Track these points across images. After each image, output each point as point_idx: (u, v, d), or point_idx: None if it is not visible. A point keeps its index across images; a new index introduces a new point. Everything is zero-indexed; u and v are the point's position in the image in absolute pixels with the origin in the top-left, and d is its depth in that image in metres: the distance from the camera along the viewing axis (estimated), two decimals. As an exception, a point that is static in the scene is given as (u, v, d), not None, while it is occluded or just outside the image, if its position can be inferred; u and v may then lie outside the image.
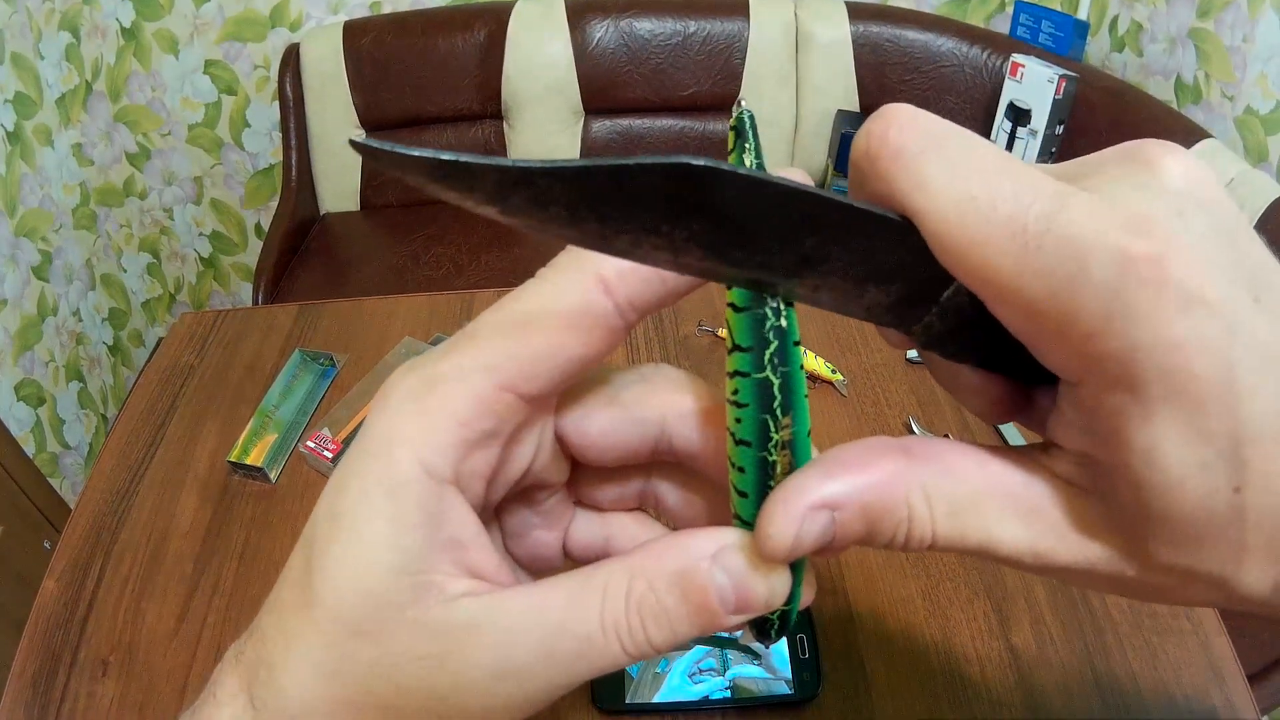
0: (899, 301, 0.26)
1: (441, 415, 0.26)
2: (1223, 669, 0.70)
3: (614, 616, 0.26)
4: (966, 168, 0.24)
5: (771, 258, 0.24)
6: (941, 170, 0.24)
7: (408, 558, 0.26)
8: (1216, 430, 0.22)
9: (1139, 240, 0.22)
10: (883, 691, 0.68)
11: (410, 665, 0.26)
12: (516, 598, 0.27)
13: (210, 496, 0.84)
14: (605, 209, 0.22)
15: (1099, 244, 0.22)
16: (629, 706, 0.66)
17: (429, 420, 0.26)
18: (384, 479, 0.26)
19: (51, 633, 0.74)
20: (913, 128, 0.25)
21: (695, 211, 0.23)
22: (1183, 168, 0.24)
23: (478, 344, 0.27)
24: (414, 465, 0.26)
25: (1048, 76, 1.87)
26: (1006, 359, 0.28)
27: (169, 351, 1.01)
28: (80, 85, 2.27)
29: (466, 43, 2.18)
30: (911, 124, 0.25)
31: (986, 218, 0.23)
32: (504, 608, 0.26)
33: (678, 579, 0.26)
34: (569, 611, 0.26)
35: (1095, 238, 0.22)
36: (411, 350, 0.96)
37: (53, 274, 2.14)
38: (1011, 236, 0.23)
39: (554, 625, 0.26)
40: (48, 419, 2.06)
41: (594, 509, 0.34)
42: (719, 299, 1.07)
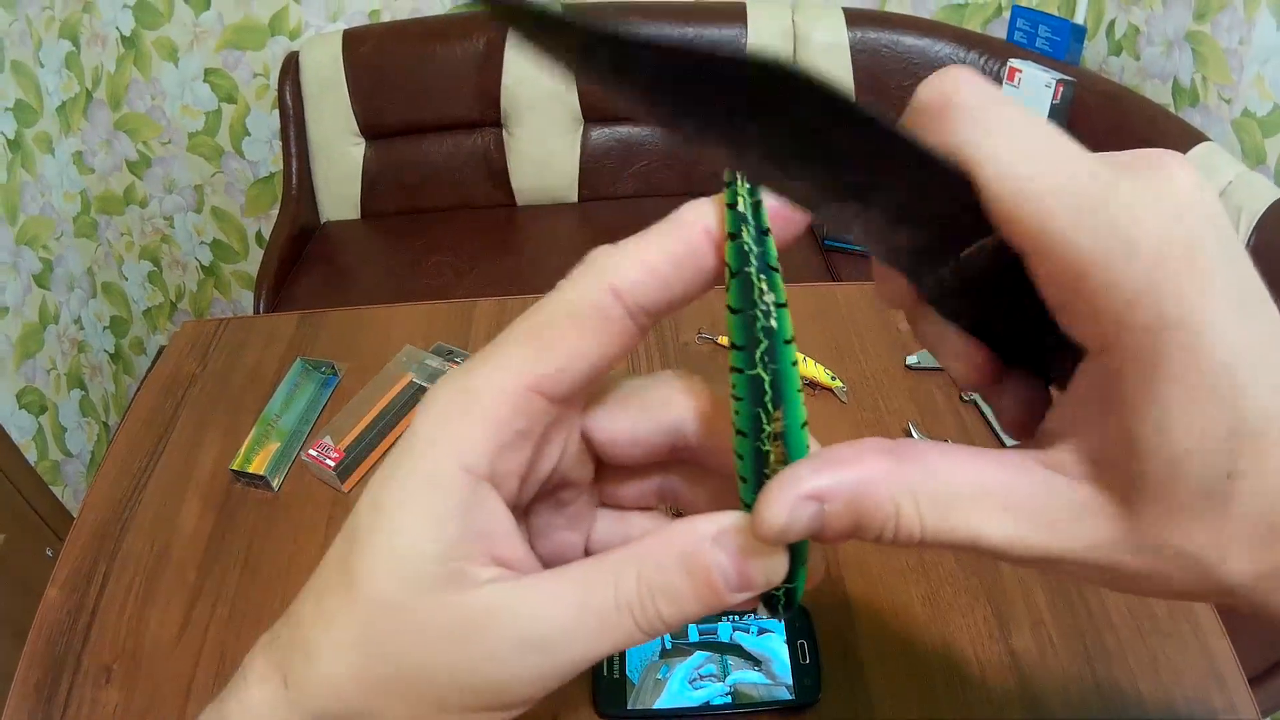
0: (923, 248, 0.28)
1: (477, 418, 0.29)
2: (1223, 672, 0.70)
3: (627, 596, 0.28)
4: (1030, 130, 0.26)
5: (829, 178, 0.25)
6: (1007, 126, 0.25)
7: (443, 546, 0.28)
8: (1218, 417, 0.24)
9: (1179, 228, 0.24)
10: (882, 696, 0.68)
11: (441, 643, 0.28)
12: (540, 582, 0.29)
13: (213, 505, 0.85)
14: (685, 89, 0.22)
15: (1149, 222, 0.24)
16: (630, 712, 0.66)
17: (466, 422, 0.29)
18: (425, 475, 0.29)
19: (54, 640, 0.74)
20: (980, 86, 0.27)
21: (773, 114, 0.23)
22: (1195, 179, 0.26)
23: (506, 352, 0.30)
24: (452, 462, 0.28)
25: (1045, 81, 1.88)
26: (996, 331, 0.30)
27: (171, 360, 1.01)
28: (80, 93, 2.28)
29: (465, 51, 2.19)
30: (978, 82, 0.27)
31: (1050, 176, 0.25)
32: (528, 591, 0.29)
33: (683, 559, 0.28)
34: (587, 593, 0.28)
35: (1146, 215, 0.24)
36: (412, 359, 0.97)
37: (54, 282, 2.14)
38: (1072, 196, 0.24)
39: (574, 605, 0.28)
40: (49, 426, 2.06)
41: (616, 508, 0.36)
42: (718, 308, 1.07)
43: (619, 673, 0.68)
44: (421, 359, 0.97)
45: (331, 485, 0.85)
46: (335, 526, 0.81)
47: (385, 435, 0.89)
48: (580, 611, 0.28)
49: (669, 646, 0.70)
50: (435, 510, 0.28)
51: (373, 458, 0.87)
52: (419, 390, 0.94)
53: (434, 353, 0.98)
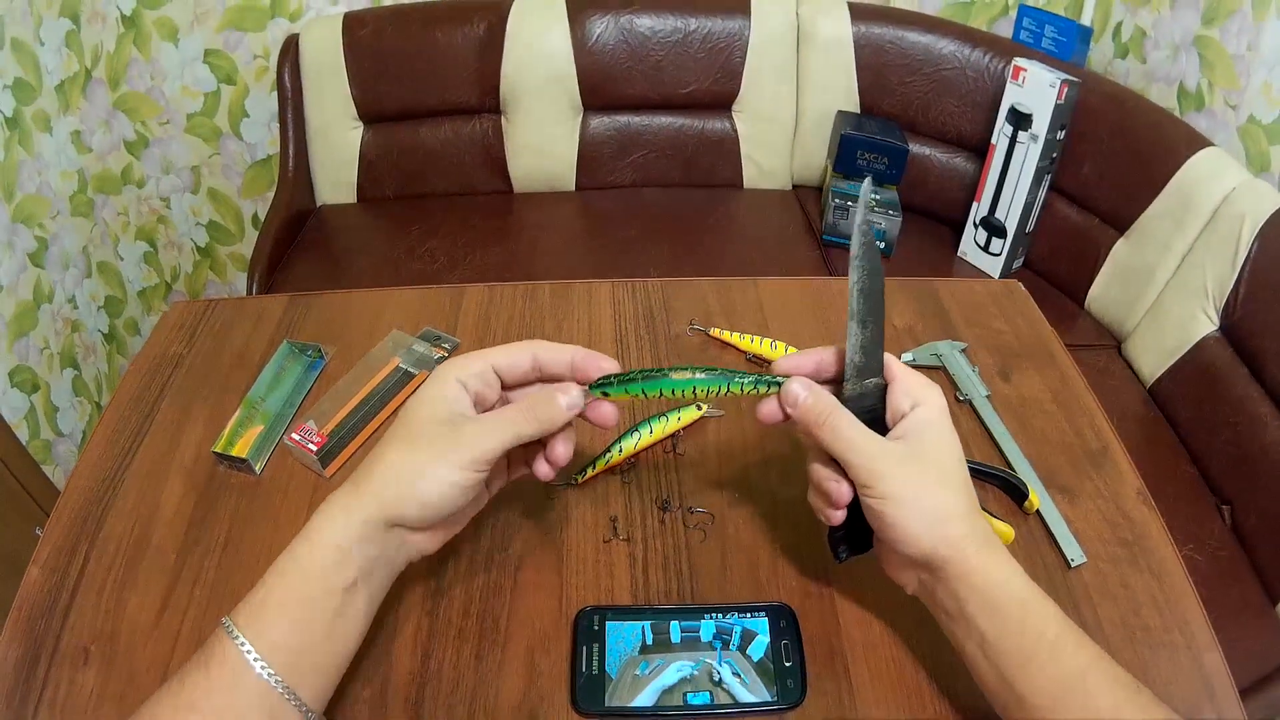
0: None
1: (470, 365, 0.66)
2: (1214, 683, 0.69)
3: (523, 405, 0.65)
4: (852, 426, 0.63)
5: None
6: (844, 430, 0.63)
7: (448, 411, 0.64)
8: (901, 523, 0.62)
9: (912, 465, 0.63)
10: (867, 699, 0.67)
11: (447, 437, 0.62)
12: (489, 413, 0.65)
13: (195, 487, 0.83)
14: None
15: (895, 466, 0.62)
16: (608, 709, 0.65)
17: (464, 366, 0.66)
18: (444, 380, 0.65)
19: (34, 620, 0.73)
20: (820, 406, 0.64)
21: None
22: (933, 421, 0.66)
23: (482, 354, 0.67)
24: (455, 379, 0.65)
25: (1050, 81, 1.87)
26: None
27: (158, 340, 1.00)
28: (80, 72, 2.26)
29: (466, 36, 2.18)
30: (817, 402, 0.65)
31: (861, 453, 0.62)
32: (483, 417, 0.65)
33: (549, 391, 0.65)
34: (507, 409, 0.65)
35: (894, 465, 0.62)
36: (399, 343, 0.96)
37: (49, 261, 2.13)
38: (871, 460, 0.62)
39: (501, 414, 0.64)
40: (41, 406, 2.05)
41: None
42: (711, 298, 1.07)
43: (598, 669, 0.67)
44: (409, 344, 0.96)
45: (313, 470, 0.84)
46: (316, 512, 0.81)
47: (370, 420, 0.88)
48: (504, 413, 0.64)
49: (649, 643, 0.69)
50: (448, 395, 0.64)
51: (356, 443, 0.86)
52: (405, 375, 0.93)
53: (421, 338, 0.97)
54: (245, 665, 0.55)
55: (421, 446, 0.62)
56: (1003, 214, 2.06)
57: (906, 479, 0.61)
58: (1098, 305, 2.00)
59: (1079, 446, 0.89)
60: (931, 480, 0.62)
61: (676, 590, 0.74)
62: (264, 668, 0.56)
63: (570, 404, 0.65)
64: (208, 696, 0.55)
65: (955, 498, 0.62)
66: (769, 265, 2.10)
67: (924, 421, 0.64)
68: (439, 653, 0.70)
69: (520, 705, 0.67)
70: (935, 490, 0.62)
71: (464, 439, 0.62)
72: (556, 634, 0.71)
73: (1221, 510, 1.58)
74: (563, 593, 0.74)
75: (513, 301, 1.05)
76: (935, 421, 0.64)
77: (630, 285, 1.08)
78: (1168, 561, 0.78)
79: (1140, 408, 1.79)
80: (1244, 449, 1.55)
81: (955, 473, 0.63)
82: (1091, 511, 0.82)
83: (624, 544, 0.78)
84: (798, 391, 0.65)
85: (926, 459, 0.62)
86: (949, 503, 0.62)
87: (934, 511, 0.61)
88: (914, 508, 0.61)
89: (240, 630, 0.56)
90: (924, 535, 0.61)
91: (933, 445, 0.63)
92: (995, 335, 1.02)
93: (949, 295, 1.08)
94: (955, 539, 0.60)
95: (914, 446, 0.63)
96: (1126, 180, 1.89)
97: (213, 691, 0.55)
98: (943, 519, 0.61)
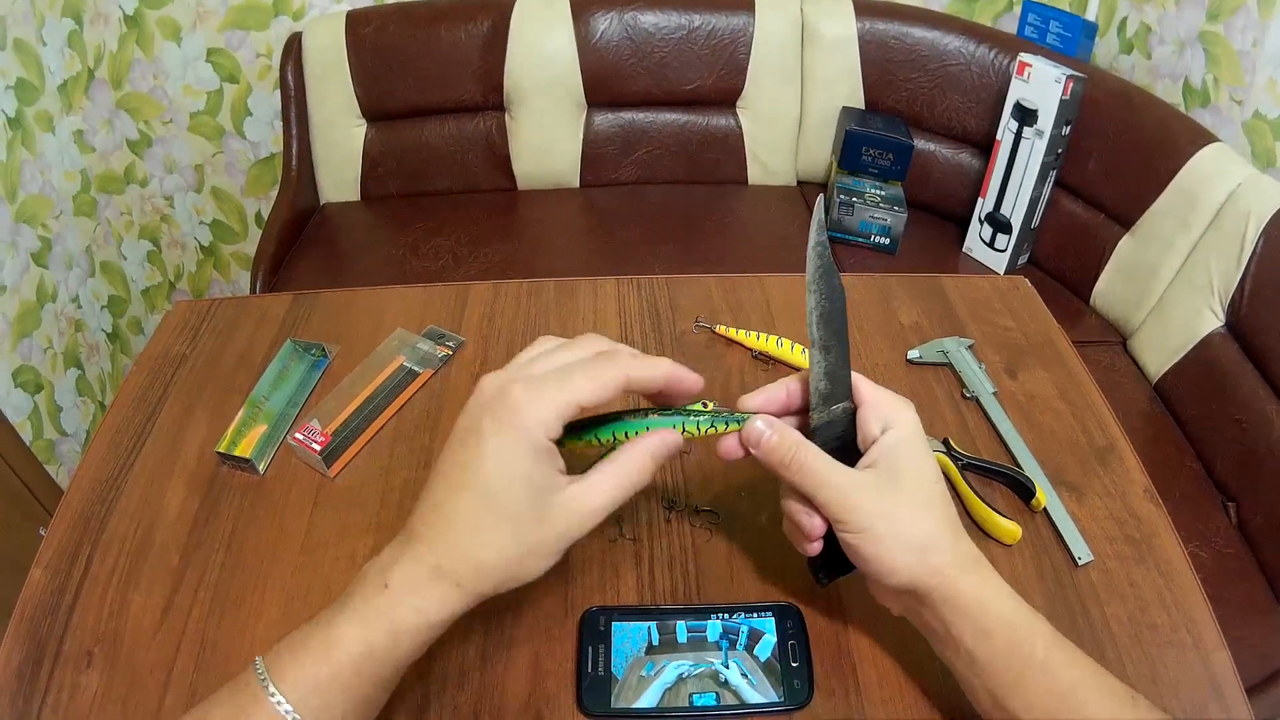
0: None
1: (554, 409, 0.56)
2: (1222, 683, 0.69)
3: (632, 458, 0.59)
4: (819, 461, 0.61)
5: None
6: (812, 467, 0.61)
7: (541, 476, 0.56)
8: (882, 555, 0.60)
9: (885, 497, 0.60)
10: (875, 701, 0.66)
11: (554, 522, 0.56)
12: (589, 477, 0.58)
13: (198, 487, 0.83)
14: None
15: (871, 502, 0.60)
16: (614, 711, 0.65)
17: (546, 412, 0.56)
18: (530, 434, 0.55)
19: (38, 622, 0.72)
20: (785, 445, 0.62)
21: None
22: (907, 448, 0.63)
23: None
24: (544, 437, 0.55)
25: (1055, 76, 1.86)
26: None
27: (161, 339, 1.00)
28: (82, 72, 2.26)
29: (469, 33, 2.17)
30: (782, 441, 0.62)
31: (831, 488, 0.60)
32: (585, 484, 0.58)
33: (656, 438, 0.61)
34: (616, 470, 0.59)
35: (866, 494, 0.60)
36: (403, 342, 0.95)
37: (52, 260, 2.13)
38: (841, 494, 0.60)
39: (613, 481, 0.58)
40: (45, 406, 2.05)
41: None
42: (717, 296, 1.06)
43: (604, 669, 0.67)
44: (413, 342, 0.95)
45: (317, 469, 0.84)
46: (320, 512, 0.80)
47: (374, 419, 0.87)
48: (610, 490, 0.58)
49: (655, 643, 0.69)
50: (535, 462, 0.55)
51: (360, 442, 0.86)
52: (409, 374, 0.92)
53: (426, 336, 0.97)
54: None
55: (515, 533, 0.55)
56: (1008, 210, 2.06)
57: (881, 511, 0.59)
58: (1103, 301, 1.99)
59: (1086, 444, 0.88)
60: (907, 508, 0.60)
61: (683, 590, 0.74)
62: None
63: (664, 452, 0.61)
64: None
65: (934, 523, 0.60)
66: (774, 262, 2.10)
67: (896, 444, 0.61)
68: (444, 653, 0.69)
69: (526, 706, 0.66)
70: (912, 518, 0.60)
71: (567, 523, 0.56)
72: (562, 635, 0.71)
73: (1227, 507, 1.57)
74: (568, 593, 0.74)
75: (517, 299, 1.05)
76: (908, 443, 0.61)
77: (635, 282, 1.07)
78: (1175, 560, 0.77)
79: (1145, 404, 1.78)
80: (1249, 446, 1.55)
81: (932, 495, 0.61)
82: (1099, 509, 0.81)
83: (630, 544, 0.78)
84: (761, 429, 0.62)
85: (901, 485, 0.60)
86: (927, 529, 0.60)
87: (913, 541, 0.59)
88: (892, 541, 0.59)
89: (286, 696, 0.53)
90: (904, 567, 0.59)
91: (907, 469, 0.60)
92: (1002, 332, 1.01)
93: (955, 291, 1.07)
94: (937, 565, 0.59)
95: (887, 473, 0.60)
96: (1132, 176, 1.88)
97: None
98: (923, 547, 0.59)
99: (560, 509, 0.56)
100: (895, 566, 0.59)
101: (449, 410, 0.91)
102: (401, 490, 0.82)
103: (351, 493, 0.82)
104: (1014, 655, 0.57)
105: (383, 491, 0.82)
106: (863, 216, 2.13)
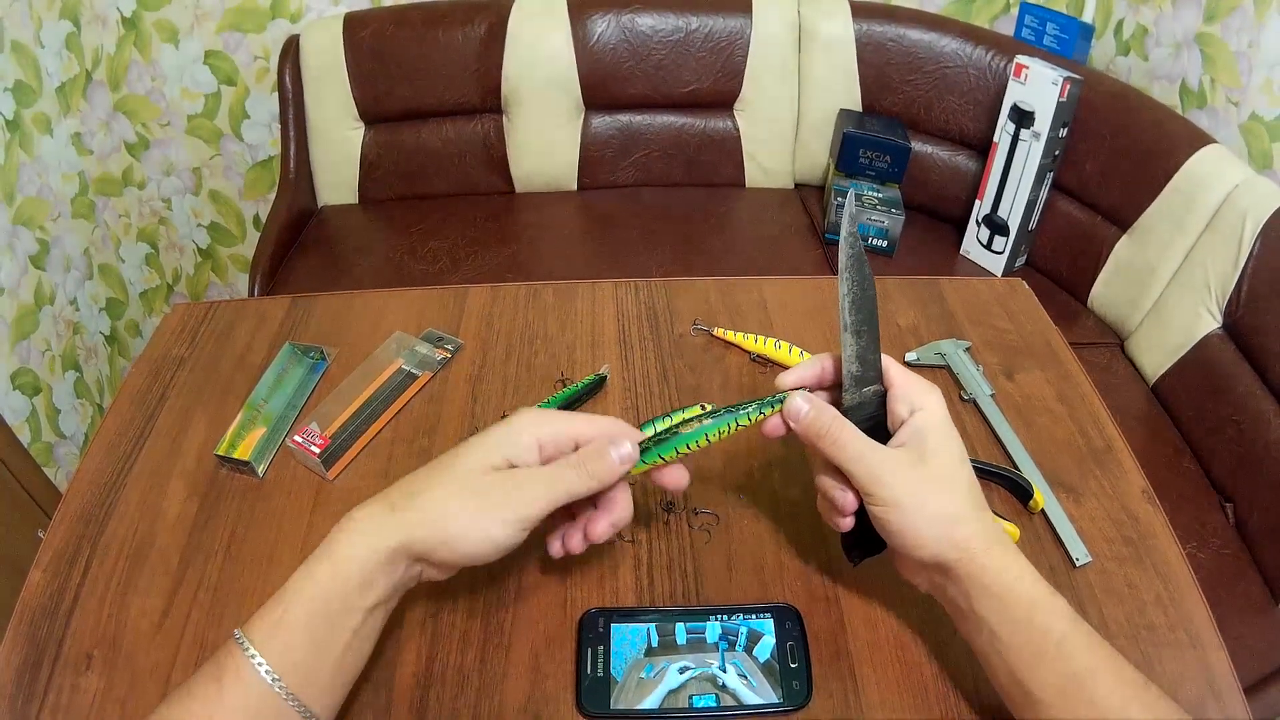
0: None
1: (553, 424, 0.66)
2: (1220, 683, 0.69)
3: (575, 460, 0.64)
4: (853, 441, 0.64)
5: None
6: (847, 440, 0.64)
7: (498, 460, 0.63)
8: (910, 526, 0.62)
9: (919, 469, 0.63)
10: (874, 702, 0.67)
11: (496, 487, 0.62)
12: (538, 467, 0.64)
13: (197, 490, 0.83)
14: None
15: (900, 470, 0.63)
16: (613, 712, 0.65)
17: (546, 423, 0.65)
18: (520, 430, 0.64)
19: (37, 625, 0.72)
20: (822, 419, 0.65)
21: None
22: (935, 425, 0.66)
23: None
24: (533, 435, 0.64)
25: (1052, 79, 1.86)
26: None
27: (160, 342, 1.00)
28: (80, 74, 2.26)
29: (467, 36, 2.17)
30: (820, 416, 0.65)
31: (862, 462, 0.63)
32: (531, 469, 0.63)
33: (600, 445, 0.65)
34: (560, 464, 0.64)
35: (897, 468, 0.63)
36: (401, 344, 0.95)
37: (50, 263, 2.13)
38: (874, 468, 0.63)
39: (552, 469, 0.63)
40: (43, 408, 2.05)
41: None
42: (715, 298, 1.06)
43: (603, 670, 0.67)
44: (411, 345, 0.95)
45: (316, 472, 0.84)
46: (320, 515, 0.80)
47: (373, 422, 0.88)
48: (557, 469, 0.63)
49: (655, 644, 0.69)
50: (505, 444, 0.63)
51: (359, 445, 0.86)
52: (408, 377, 0.92)
53: (424, 339, 0.97)
54: (260, 681, 0.55)
55: (469, 495, 0.61)
56: (1005, 212, 2.06)
57: (909, 485, 0.62)
58: (1100, 303, 1.99)
59: (1083, 445, 0.88)
60: (935, 484, 0.62)
61: (681, 592, 0.74)
62: (279, 685, 0.56)
63: (623, 457, 0.64)
64: (220, 711, 0.55)
65: (960, 499, 0.62)
66: (771, 265, 2.10)
67: (924, 426, 0.64)
68: (443, 656, 0.69)
69: (525, 708, 0.66)
70: (939, 494, 0.62)
71: (514, 497, 0.61)
72: (561, 637, 0.71)
73: (1224, 508, 1.57)
74: (567, 595, 0.74)
75: (515, 302, 1.05)
76: (936, 425, 0.64)
77: (633, 285, 1.07)
78: (1173, 561, 0.77)
79: (1143, 406, 1.78)
80: (1246, 447, 1.55)
81: (959, 474, 0.63)
82: (1096, 510, 0.82)
83: (629, 546, 0.78)
84: (800, 406, 0.65)
85: (929, 463, 0.63)
86: (954, 505, 0.62)
87: (939, 515, 0.62)
88: (919, 513, 0.61)
89: (255, 646, 0.56)
90: (930, 540, 0.61)
91: (935, 449, 0.63)
92: (999, 334, 1.02)
93: (953, 294, 1.07)
94: (962, 540, 0.61)
95: (916, 452, 0.63)
96: (1129, 178, 1.88)
97: (226, 706, 0.55)
98: (949, 521, 0.61)
99: (516, 488, 0.62)
100: (923, 540, 0.61)
101: (447, 413, 0.91)
102: (400, 493, 0.82)
103: (350, 495, 0.82)
104: (1033, 632, 0.59)
105: (382, 494, 0.82)
106: (860, 219, 2.13)
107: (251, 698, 0.55)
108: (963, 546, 0.61)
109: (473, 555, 0.62)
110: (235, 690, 0.55)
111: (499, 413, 0.90)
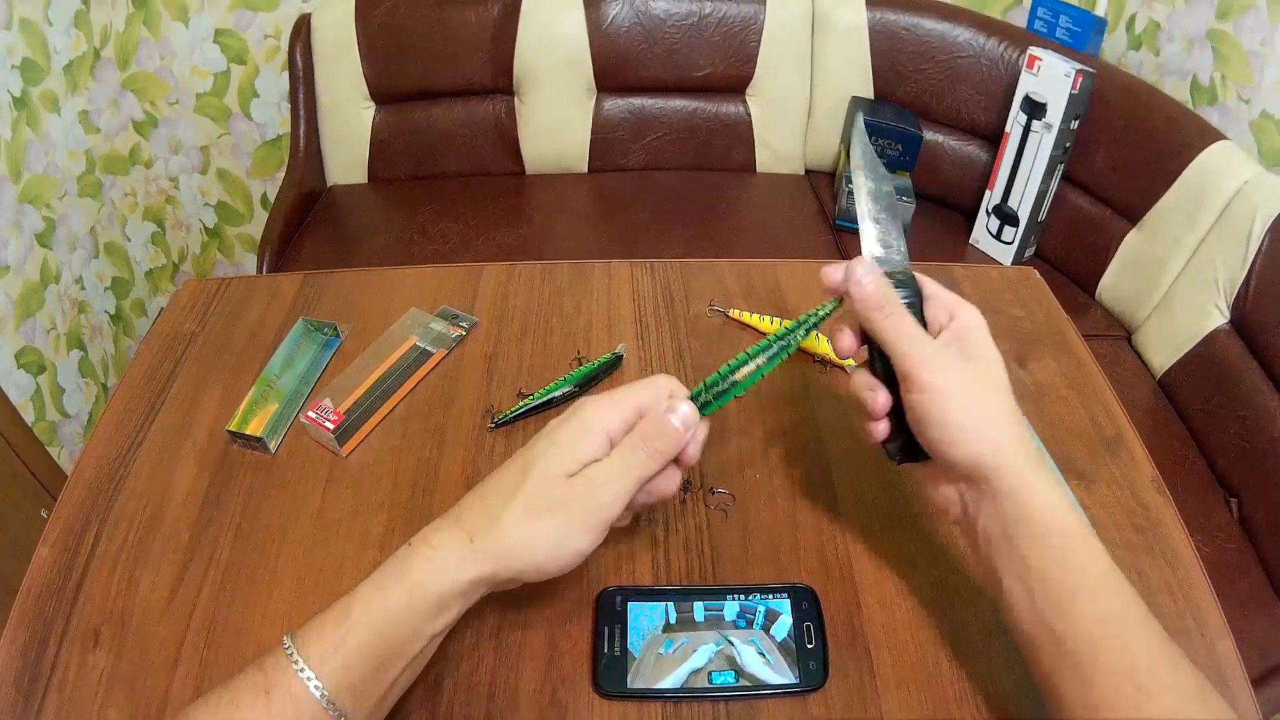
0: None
1: (616, 411, 0.61)
2: (1227, 673, 0.69)
3: (636, 441, 0.60)
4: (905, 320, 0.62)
5: None
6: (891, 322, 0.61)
7: (571, 464, 0.59)
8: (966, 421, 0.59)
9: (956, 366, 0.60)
10: (889, 683, 0.66)
11: (571, 505, 0.58)
12: (604, 459, 0.60)
13: (208, 466, 0.83)
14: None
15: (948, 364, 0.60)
16: (631, 691, 0.65)
17: (610, 413, 0.61)
18: (589, 430, 0.60)
19: (44, 601, 0.72)
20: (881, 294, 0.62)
21: None
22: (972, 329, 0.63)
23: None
24: (603, 432, 0.60)
25: (1065, 71, 1.85)
26: None
27: (170, 318, 0.99)
28: (88, 52, 2.25)
29: (480, 16, 2.16)
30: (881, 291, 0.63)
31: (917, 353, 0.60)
32: (600, 464, 0.60)
33: (658, 417, 0.61)
34: (623, 450, 0.60)
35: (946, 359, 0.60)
36: (416, 322, 0.95)
37: (56, 241, 2.12)
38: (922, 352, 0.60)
39: (618, 458, 0.60)
40: (48, 387, 2.05)
41: None
42: (730, 280, 1.06)
43: (620, 649, 0.67)
44: (426, 322, 0.95)
45: (330, 449, 0.83)
46: (332, 491, 0.80)
47: (387, 399, 0.87)
48: (625, 456, 0.60)
49: (673, 621, 0.69)
50: (578, 445, 0.60)
51: (373, 421, 0.86)
52: (422, 354, 0.92)
53: (440, 316, 0.97)
54: (310, 700, 0.53)
55: (550, 511, 0.58)
56: (1015, 202, 2.05)
57: (953, 375, 0.59)
58: (1108, 296, 1.99)
59: (1094, 433, 0.88)
60: (978, 382, 0.60)
61: (698, 571, 0.74)
62: (334, 707, 0.53)
63: (684, 420, 0.61)
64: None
65: (1002, 402, 0.60)
66: (781, 249, 2.10)
67: (967, 329, 0.62)
68: (458, 634, 0.69)
69: (541, 686, 0.66)
70: (982, 391, 0.60)
71: (593, 503, 0.58)
72: (577, 615, 0.71)
73: (1229, 502, 1.57)
74: (584, 574, 0.73)
75: (531, 281, 1.04)
76: (977, 330, 0.62)
77: (649, 266, 1.07)
78: (1181, 549, 0.77)
79: (1150, 399, 1.78)
80: (1252, 442, 1.55)
81: (1001, 379, 0.61)
82: (1107, 498, 0.82)
83: (645, 525, 0.77)
84: (863, 274, 0.63)
85: (973, 362, 0.60)
86: (996, 403, 0.59)
87: (982, 410, 0.59)
88: (961, 405, 0.58)
89: (310, 664, 0.54)
90: (972, 434, 0.58)
91: (978, 351, 0.61)
92: (1012, 322, 1.01)
93: (966, 281, 1.07)
94: (1004, 446, 0.58)
95: (960, 350, 0.61)
96: (1139, 172, 1.88)
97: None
98: (991, 419, 0.59)
99: (590, 492, 0.59)
100: (965, 434, 0.58)
101: (462, 390, 0.90)
102: (414, 469, 0.82)
103: (364, 471, 0.82)
104: (1070, 566, 0.55)
105: (395, 471, 0.82)
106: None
107: (302, 715, 0.53)
108: (1004, 453, 0.57)
109: (560, 571, 0.59)
110: (285, 706, 0.53)
111: (514, 390, 0.90)
